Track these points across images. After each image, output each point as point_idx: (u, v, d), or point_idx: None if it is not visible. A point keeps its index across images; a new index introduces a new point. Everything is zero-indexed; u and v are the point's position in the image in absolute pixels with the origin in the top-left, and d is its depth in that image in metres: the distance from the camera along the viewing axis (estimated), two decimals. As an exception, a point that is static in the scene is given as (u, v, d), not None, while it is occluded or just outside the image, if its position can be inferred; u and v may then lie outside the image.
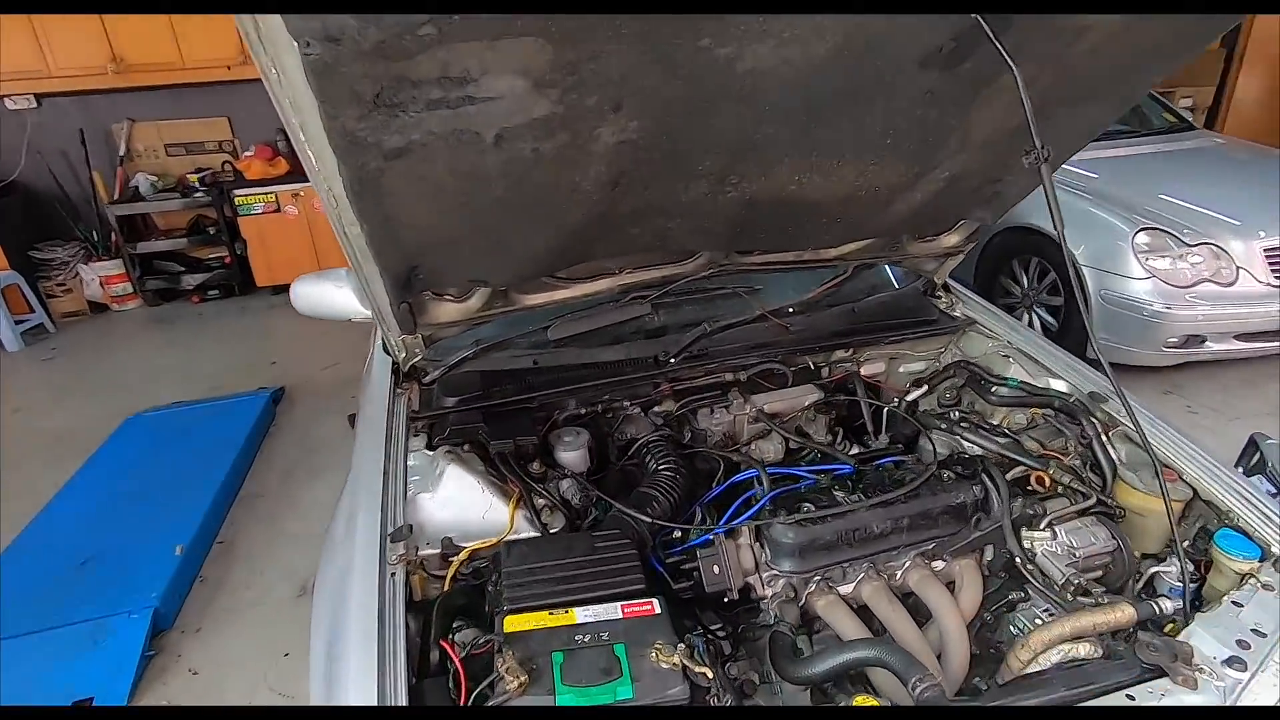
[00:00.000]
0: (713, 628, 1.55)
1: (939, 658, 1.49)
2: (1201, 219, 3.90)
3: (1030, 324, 4.33)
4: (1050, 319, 4.22)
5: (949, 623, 1.48)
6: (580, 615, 1.28)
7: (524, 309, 1.87)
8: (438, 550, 1.48)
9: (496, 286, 1.72)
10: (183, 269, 6.48)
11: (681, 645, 1.19)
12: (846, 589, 1.55)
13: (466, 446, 1.69)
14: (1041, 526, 1.48)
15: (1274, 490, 2.71)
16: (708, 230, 1.74)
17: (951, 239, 2.12)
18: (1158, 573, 1.54)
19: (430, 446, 1.72)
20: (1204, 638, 1.25)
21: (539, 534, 1.53)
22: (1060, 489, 1.59)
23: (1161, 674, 1.19)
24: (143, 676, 2.42)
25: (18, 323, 5.67)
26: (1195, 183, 4.30)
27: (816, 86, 1.28)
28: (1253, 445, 2.88)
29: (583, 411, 1.94)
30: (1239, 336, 3.76)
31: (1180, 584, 1.51)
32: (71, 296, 6.26)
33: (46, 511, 3.23)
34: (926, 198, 1.78)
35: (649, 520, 1.51)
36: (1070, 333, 4.07)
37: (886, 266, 2.50)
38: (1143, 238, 3.76)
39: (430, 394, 1.93)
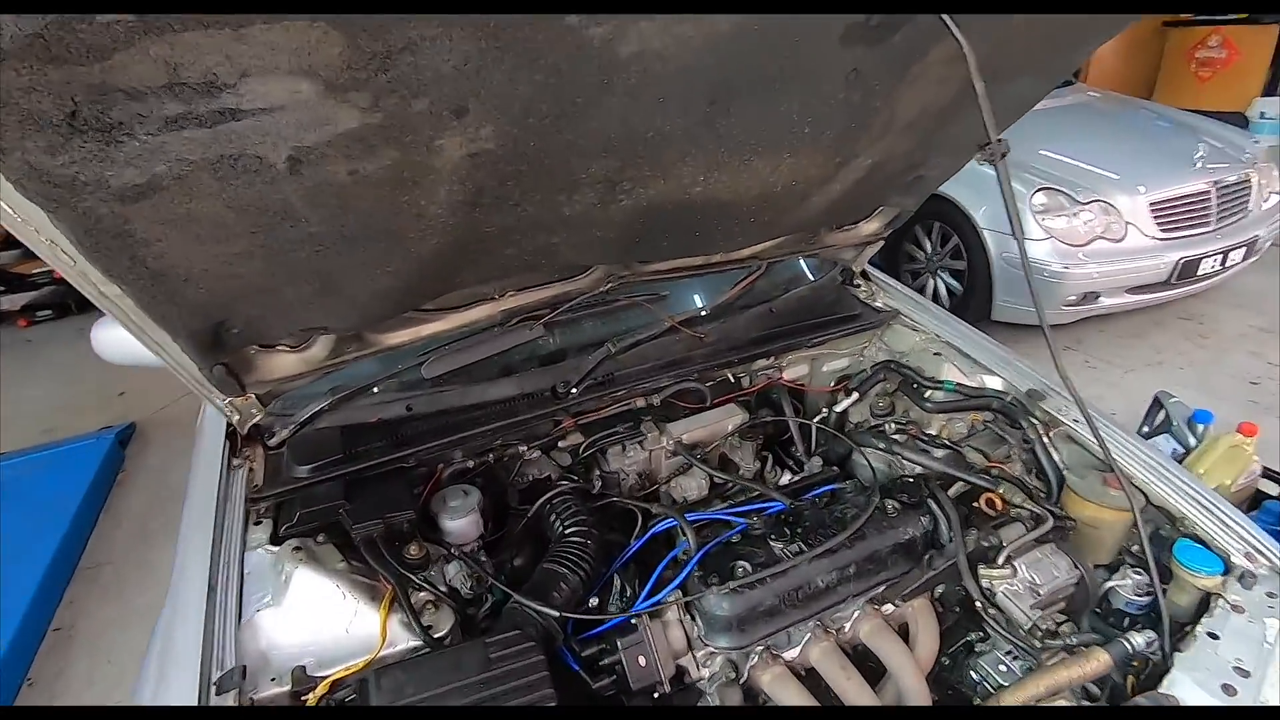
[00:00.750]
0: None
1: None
2: (1087, 175, 3.95)
3: (935, 290, 4.32)
4: (954, 283, 4.21)
5: (908, 681, 1.30)
6: (476, 765, 1.00)
7: (387, 349, 1.54)
8: (286, 687, 1.15)
9: (340, 333, 1.37)
10: (2, 288, 5.55)
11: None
12: (792, 654, 1.35)
13: (321, 537, 1.35)
14: (1000, 562, 1.32)
15: (1180, 449, 2.76)
16: (600, 242, 1.45)
17: (871, 226, 1.93)
18: (1113, 588, 1.43)
19: (275, 540, 1.36)
20: (1186, 684, 1.12)
21: (421, 641, 1.23)
22: (1013, 511, 1.43)
23: (1153, 741, 1.04)
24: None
25: None
26: (1075, 139, 4.35)
27: (720, 71, 1.01)
28: (1157, 404, 2.92)
29: (471, 464, 1.63)
30: (1130, 290, 3.85)
31: (1138, 597, 1.40)
32: None
33: None
34: (846, 188, 1.56)
35: (555, 613, 1.23)
36: (975, 295, 4.07)
37: (799, 258, 2.30)
38: (1039, 198, 3.77)
39: (279, 461, 1.56)
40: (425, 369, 1.67)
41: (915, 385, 1.77)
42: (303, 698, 1.14)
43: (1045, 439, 1.60)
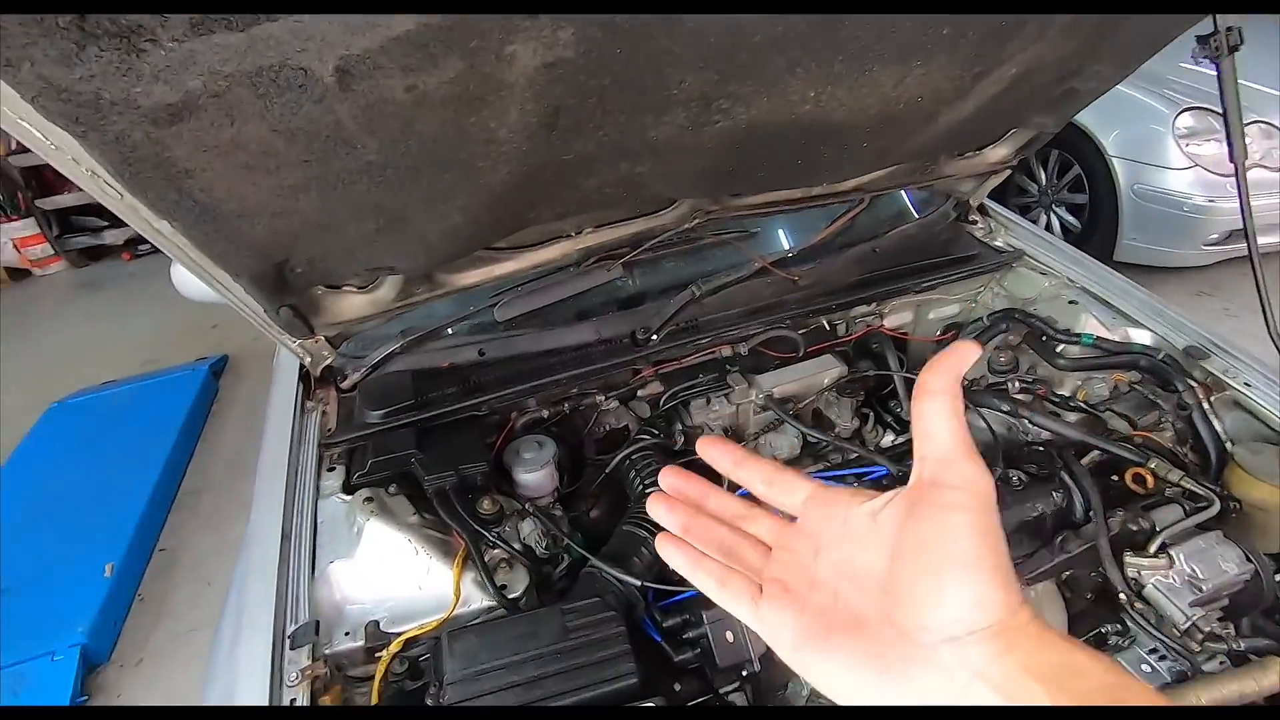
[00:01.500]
0: (727, 690, 1.23)
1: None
2: (1243, 92, 3.39)
3: (1048, 226, 3.91)
4: (1071, 219, 3.78)
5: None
6: (553, 743, 0.93)
7: (458, 290, 1.44)
8: (360, 643, 1.11)
9: (408, 273, 1.28)
10: (105, 224, 5.83)
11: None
12: (895, 635, 1.21)
13: (392, 488, 1.29)
14: (1153, 550, 1.13)
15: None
16: (689, 173, 1.28)
17: (999, 152, 1.67)
18: (1284, 582, 1.22)
19: (348, 488, 1.32)
20: (1396, 713, 0.93)
21: (495, 602, 1.16)
22: (1167, 490, 1.23)
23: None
24: (75, 729, 2.12)
25: (-73, 300, 5.09)
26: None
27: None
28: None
29: (546, 414, 1.53)
30: (1285, 227, 3.35)
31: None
32: (-15, 265, 5.64)
33: (-41, 531, 2.85)
34: (981, 105, 1.31)
35: (637, 582, 1.14)
36: (1096, 232, 3.65)
37: (904, 190, 2.05)
38: (1184, 120, 3.28)
39: (351, 405, 1.51)
40: (498, 311, 1.57)
41: (1045, 338, 1.55)
42: (376, 655, 1.11)
43: (1206, 404, 1.37)
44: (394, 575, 1.17)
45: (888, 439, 1.55)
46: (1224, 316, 3.49)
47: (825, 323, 1.75)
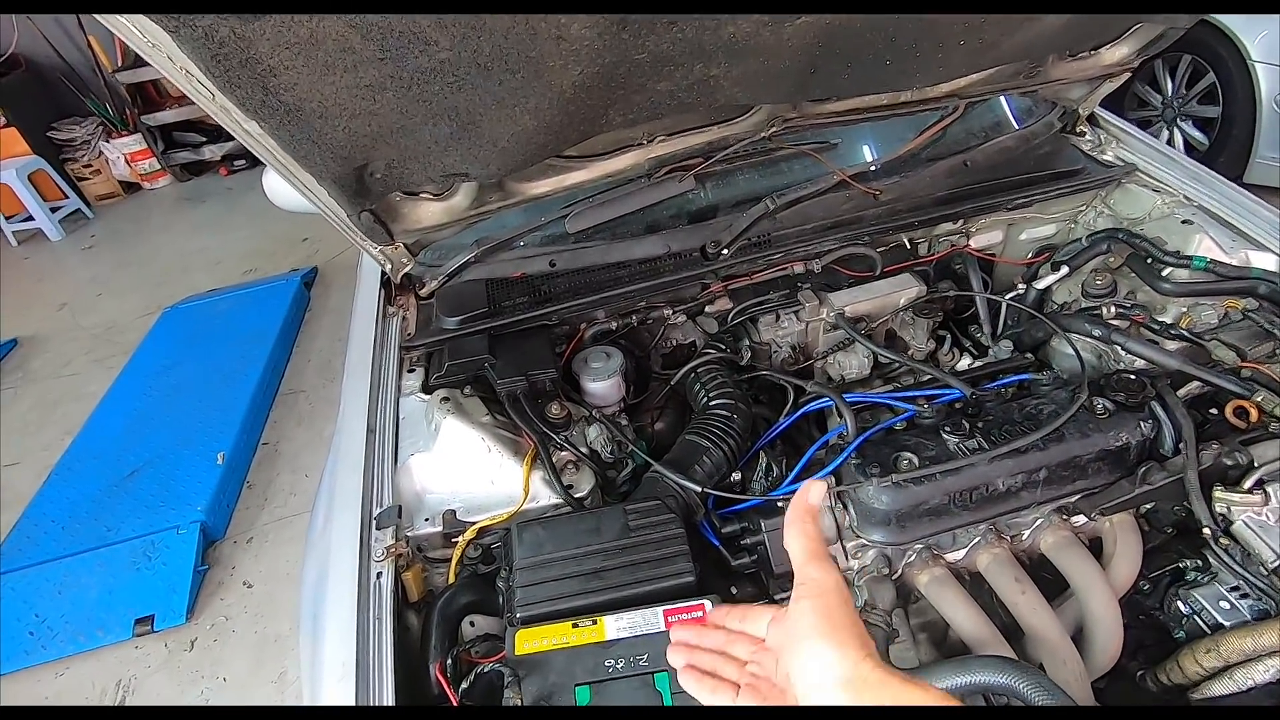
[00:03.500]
0: (782, 598, 1.27)
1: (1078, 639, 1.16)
2: None
3: (1170, 143, 3.53)
4: (1199, 135, 3.40)
5: (1096, 604, 1.13)
6: (612, 627, 1.00)
7: (529, 199, 1.45)
8: (438, 528, 1.20)
9: (481, 180, 1.29)
10: (204, 139, 6.10)
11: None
12: (957, 555, 1.21)
13: (467, 389, 1.36)
14: (1248, 485, 1.06)
15: None
16: (767, 75, 1.22)
17: (1118, 52, 1.50)
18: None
19: (426, 388, 1.39)
20: None
21: (561, 500, 1.22)
22: (1272, 425, 1.14)
23: None
24: (199, 592, 2.40)
25: (54, 209, 5.53)
26: None
27: None
28: None
29: (614, 326, 1.55)
30: None
31: None
32: (102, 178, 6.04)
33: (94, 419, 3.20)
34: (1100, -5, 1.18)
35: (697, 489, 1.17)
36: (1225, 150, 3.28)
37: (1003, 97, 1.88)
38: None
39: (429, 311, 1.58)
40: (569, 223, 1.58)
41: (1150, 260, 1.43)
42: (453, 540, 1.19)
43: (1330, 337, 1.25)
44: (468, 470, 1.25)
45: (964, 363, 1.50)
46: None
47: (906, 240, 1.67)
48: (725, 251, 1.56)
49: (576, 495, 1.24)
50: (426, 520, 1.21)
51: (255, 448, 3.02)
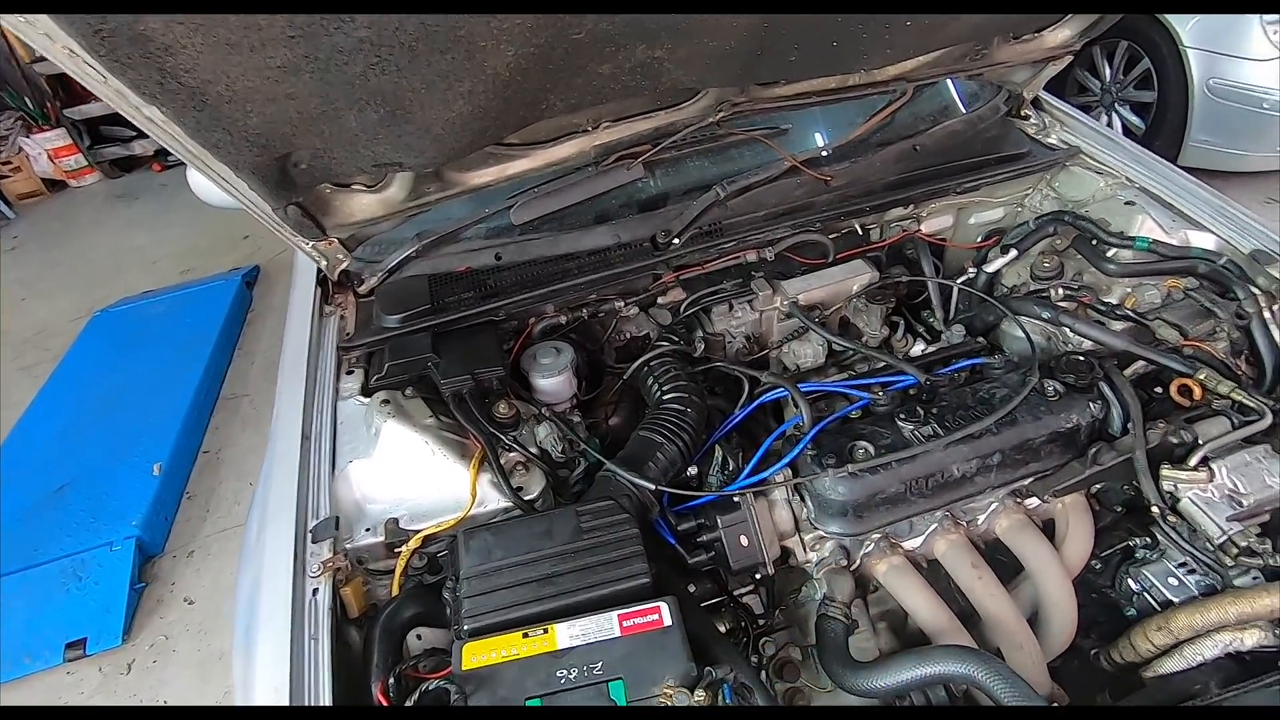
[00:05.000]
0: (742, 593, 1.25)
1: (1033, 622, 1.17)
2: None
3: (1109, 127, 3.62)
4: (1136, 120, 3.50)
5: (1050, 586, 1.13)
6: (564, 635, 0.96)
7: (470, 190, 1.39)
8: (380, 538, 1.14)
9: (418, 170, 1.23)
10: (134, 133, 5.79)
11: (701, 691, 0.86)
12: (914, 543, 1.21)
13: (409, 390, 1.29)
14: (1193, 463, 1.07)
15: None
16: (713, 57, 1.18)
17: (1060, 34, 1.51)
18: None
19: (366, 391, 1.32)
20: None
21: (511, 503, 1.17)
22: (1215, 402, 1.16)
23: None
24: (136, 611, 2.28)
25: (-29, 210, 5.20)
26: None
27: None
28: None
29: (563, 320, 1.50)
30: (1377, 127, 3.05)
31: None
32: (23, 176, 5.69)
33: (19, 429, 3.01)
34: (1043, -25, 1.17)
35: (651, 486, 1.13)
36: (1160, 134, 3.38)
37: (950, 81, 1.88)
38: (1276, 3, 2.94)
39: (369, 310, 1.50)
40: (514, 214, 1.52)
41: (1095, 242, 1.44)
42: (396, 550, 1.13)
43: (1268, 313, 1.27)
44: (412, 475, 1.19)
45: (918, 348, 1.49)
46: (1296, 226, 3.25)
47: (858, 226, 1.65)
48: (676, 241, 1.52)
49: (527, 498, 1.19)
50: (368, 530, 1.15)
51: (195, 456, 2.88)
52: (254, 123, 0.93)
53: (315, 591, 1.02)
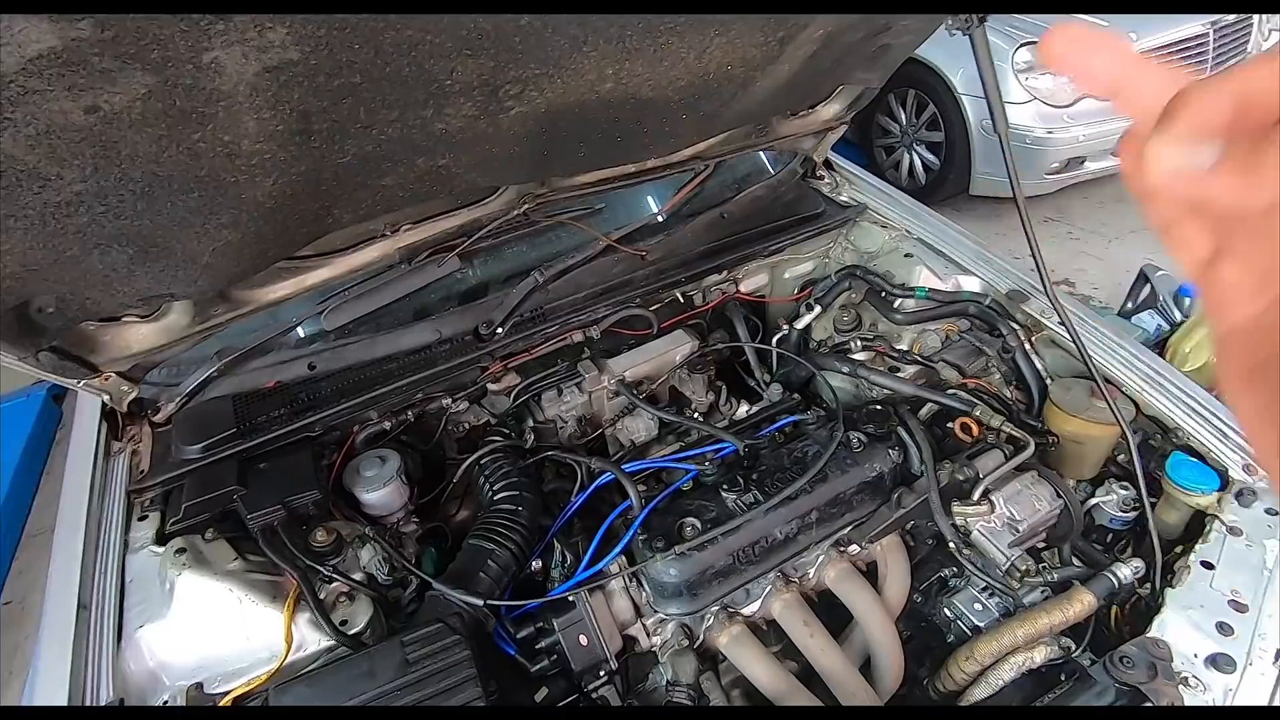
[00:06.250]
0: (596, 686, 1.23)
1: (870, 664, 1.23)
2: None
3: (911, 165, 4.03)
4: (932, 158, 3.92)
5: (876, 633, 1.20)
6: (394, 787, 0.89)
7: (266, 305, 1.31)
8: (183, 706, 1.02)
9: (194, 297, 1.15)
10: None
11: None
12: (753, 608, 1.24)
13: (209, 532, 1.18)
14: (976, 497, 1.18)
15: (1165, 325, 2.63)
16: (500, 159, 1.20)
17: (831, 109, 1.66)
18: (1096, 504, 1.32)
19: (161, 538, 1.20)
20: (1180, 627, 1.02)
21: (335, 641, 1.09)
22: (990, 437, 1.29)
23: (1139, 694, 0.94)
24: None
25: None
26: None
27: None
28: (1143, 278, 2.77)
29: (388, 426, 1.44)
30: (1116, 153, 3.58)
31: (1123, 513, 1.30)
32: None
33: None
34: (797, 67, 1.29)
35: (479, 602, 1.09)
36: (953, 169, 3.80)
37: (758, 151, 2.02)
38: (1022, 54, 3.42)
39: (167, 441, 1.37)
40: (325, 319, 1.46)
41: (883, 294, 1.58)
42: None
43: (1027, 345, 1.44)
44: (216, 630, 1.08)
45: (742, 410, 1.56)
46: (1068, 240, 3.74)
47: (679, 295, 1.72)
48: (500, 330, 1.51)
49: (353, 631, 1.12)
50: (166, 701, 1.03)
51: (-8, 610, 2.49)
52: (-32, 279, 0.83)
53: (95, 795, 0.89)
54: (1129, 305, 2.78)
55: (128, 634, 1.06)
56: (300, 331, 1.46)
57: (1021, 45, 3.41)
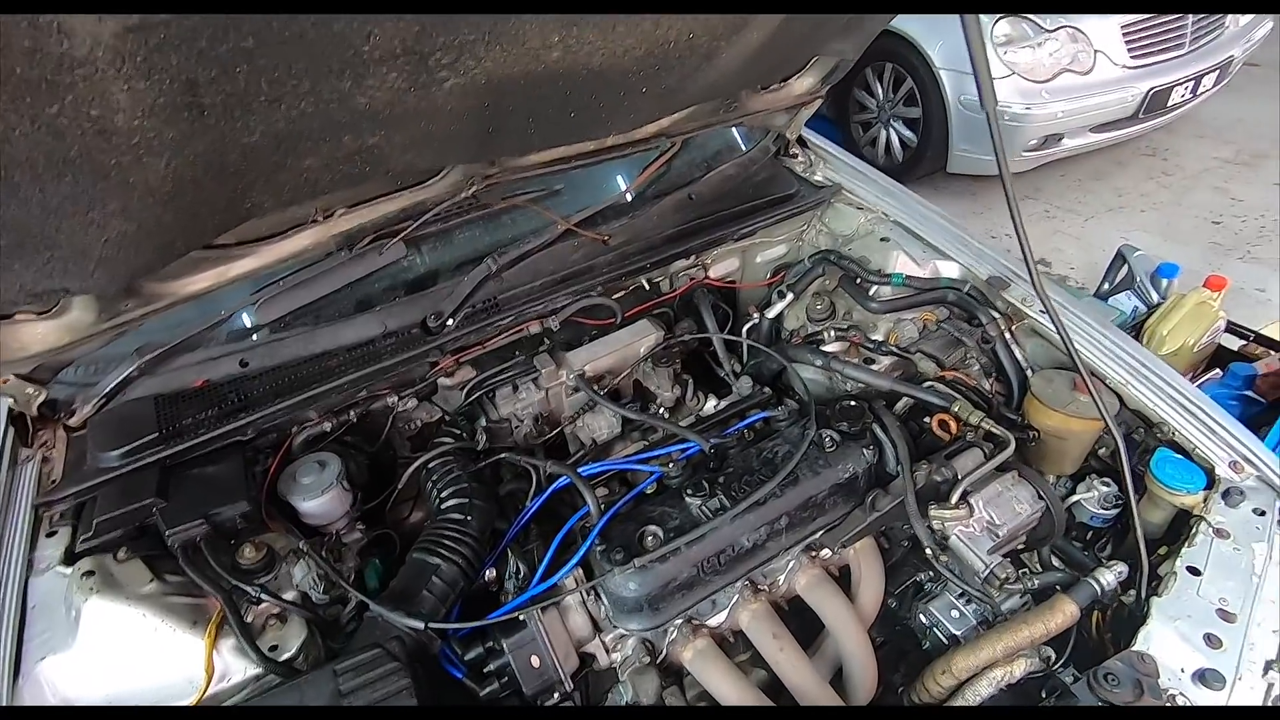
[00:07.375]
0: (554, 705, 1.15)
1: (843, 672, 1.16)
2: (1053, -2, 3.48)
3: (888, 141, 3.95)
4: (909, 133, 3.83)
5: (848, 642, 1.13)
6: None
7: (184, 299, 1.20)
8: (89, 751, 0.92)
9: (94, 291, 1.03)
10: None
11: None
12: (719, 619, 1.16)
13: (122, 552, 1.07)
14: (954, 500, 1.11)
15: (1143, 306, 2.59)
16: (439, 137, 1.09)
17: (804, 82, 1.56)
18: (1078, 501, 1.26)
19: (70, 557, 1.09)
20: (1165, 637, 0.96)
21: (263, 669, 1.00)
22: (969, 434, 1.22)
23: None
24: None
25: None
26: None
27: None
28: (1120, 259, 2.72)
29: (328, 427, 1.33)
30: (1094, 129, 3.53)
31: (1105, 510, 1.24)
32: None
33: None
34: (766, 37, 1.19)
35: (420, 625, 1.00)
36: (930, 145, 3.72)
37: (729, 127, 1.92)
38: (1001, 27, 3.33)
39: (84, 446, 1.25)
40: (258, 312, 1.35)
41: (859, 280, 1.50)
42: (111, 762, 0.93)
43: (1007, 334, 1.37)
44: (128, 660, 0.98)
45: (710, 405, 1.47)
46: (1044, 218, 3.69)
47: (645, 282, 1.62)
48: (450, 322, 1.40)
49: (284, 656, 1.03)
50: (71, 742, 0.93)
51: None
52: None
53: None
54: (1106, 286, 2.73)
55: (26, 668, 0.96)
56: (234, 324, 1.34)
57: (1000, 19, 3.32)
